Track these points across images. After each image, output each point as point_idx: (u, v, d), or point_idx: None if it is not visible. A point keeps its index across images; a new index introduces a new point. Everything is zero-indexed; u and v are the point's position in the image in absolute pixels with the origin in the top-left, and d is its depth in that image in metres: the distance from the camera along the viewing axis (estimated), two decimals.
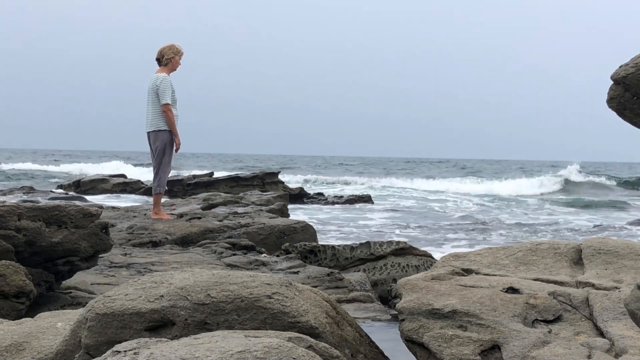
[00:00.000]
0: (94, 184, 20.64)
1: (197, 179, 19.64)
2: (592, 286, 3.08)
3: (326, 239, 10.45)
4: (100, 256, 4.95)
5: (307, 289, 2.82)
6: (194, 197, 11.01)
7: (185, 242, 6.94)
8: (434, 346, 2.79)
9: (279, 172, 20.99)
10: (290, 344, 2.06)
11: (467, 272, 3.36)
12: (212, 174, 21.03)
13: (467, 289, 3.06)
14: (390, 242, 6.53)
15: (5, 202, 4.26)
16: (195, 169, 35.73)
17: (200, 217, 7.99)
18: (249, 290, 2.57)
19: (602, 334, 2.74)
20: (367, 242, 6.53)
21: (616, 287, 3.03)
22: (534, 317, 2.86)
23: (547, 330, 2.79)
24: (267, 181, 19.39)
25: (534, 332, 2.73)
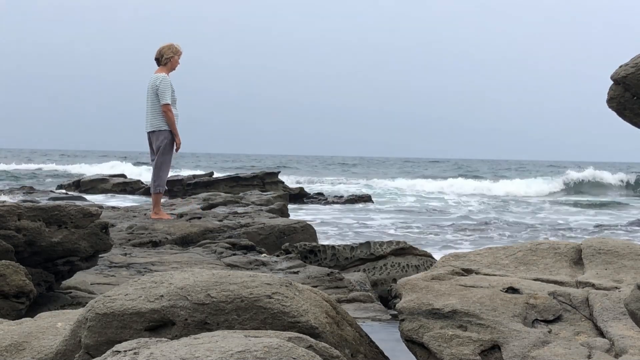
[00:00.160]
0: (94, 184, 20.66)
1: (197, 179, 19.65)
2: (592, 286, 3.08)
3: (326, 239, 10.46)
4: (100, 256, 4.95)
5: (307, 288, 2.82)
6: (194, 197, 11.01)
7: (185, 242, 6.93)
8: (434, 346, 2.79)
9: (279, 172, 21.00)
10: (290, 344, 2.06)
11: (467, 272, 3.36)
12: (212, 173, 21.02)
13: (467, 289, 3.06)
14: (390, 242, 6.53)
15: (5, 202, 4.25)
16: (195, 169, 35.72)
17: (200, 217, 7.99)
18: (249, 290, 2.57)
19: (602, 334, 2.74)
20: (367, 242, 6.53)
21: (616, 287, 3.03)
22: (534, 317, 2.86)
23: (547, 330, 2.79)
24: (267, 181, 19.40)
25: (534, 332, 2.73)
